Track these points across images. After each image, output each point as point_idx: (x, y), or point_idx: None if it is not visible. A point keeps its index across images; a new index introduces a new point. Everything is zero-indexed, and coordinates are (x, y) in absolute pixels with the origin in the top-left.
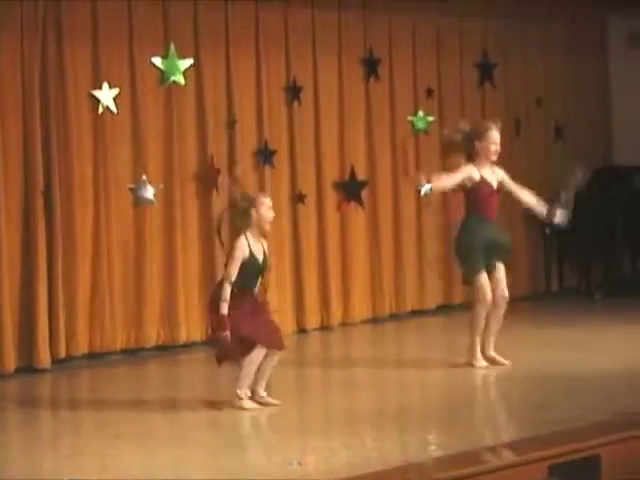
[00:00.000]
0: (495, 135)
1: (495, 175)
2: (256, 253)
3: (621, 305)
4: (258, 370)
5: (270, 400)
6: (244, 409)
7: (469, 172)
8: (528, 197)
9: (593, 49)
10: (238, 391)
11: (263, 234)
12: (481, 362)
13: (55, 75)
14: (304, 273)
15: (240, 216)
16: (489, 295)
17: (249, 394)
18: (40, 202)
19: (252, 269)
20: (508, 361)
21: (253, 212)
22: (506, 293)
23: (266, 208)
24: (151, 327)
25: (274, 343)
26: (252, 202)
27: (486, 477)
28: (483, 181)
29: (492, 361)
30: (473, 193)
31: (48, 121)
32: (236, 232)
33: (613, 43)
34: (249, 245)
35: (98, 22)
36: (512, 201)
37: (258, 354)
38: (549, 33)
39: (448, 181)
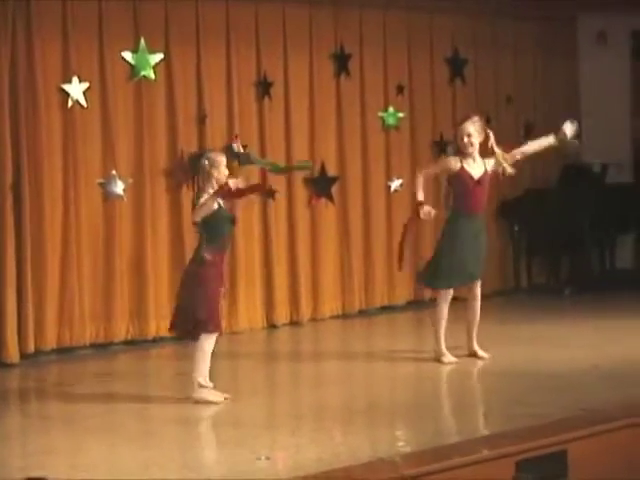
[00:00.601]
0: (465, 128)
1: (483, 166)
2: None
3: (590, 301)
4: None
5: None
6: (209, 402)
7: (445, 164)
8: (535, 144)
9: (563, 47)
10: (200, 380)
11: None
12: (449, 357)
13: (25, 69)
14: (274, 268)
15: (202, 175)
16: (451, 290)
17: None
18: (9, 197)
19: (223, 221)
20: (489, 355)
21: (214, 171)
22: (477, 291)
23: (224, 167)
24: (120, 322)
25: (221, 329)
26: (214, 162)
27: (454, 473)
28: (463, 171)
29: (474, 354)
30: (454, 184)
31: (17, 115)
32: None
33: (583, 41)
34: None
35: (68, 16)
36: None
37: (212, 342)
38: (519, 31)
39: (425, 175)
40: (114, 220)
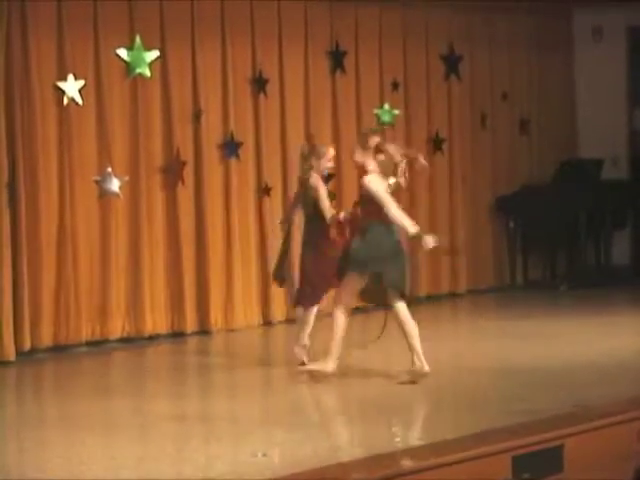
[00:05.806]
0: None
1: None
2: None
3: (585, 297)
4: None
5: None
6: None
7: None
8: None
9: (558, 43)
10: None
11: None
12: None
13: (20, 67)
14: (270, 265)
15: None
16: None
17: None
18: (5, 195)
19: None
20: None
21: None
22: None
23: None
24: (116, 319)
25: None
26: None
27: (450, 469)
28: None
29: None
30: None
31: (13, 113)
32: None
33: (578, 37)
34: None
35: (63, 13)
36: (480, 194)
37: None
38: (514, 27)
39: None
40: (110, 217)
